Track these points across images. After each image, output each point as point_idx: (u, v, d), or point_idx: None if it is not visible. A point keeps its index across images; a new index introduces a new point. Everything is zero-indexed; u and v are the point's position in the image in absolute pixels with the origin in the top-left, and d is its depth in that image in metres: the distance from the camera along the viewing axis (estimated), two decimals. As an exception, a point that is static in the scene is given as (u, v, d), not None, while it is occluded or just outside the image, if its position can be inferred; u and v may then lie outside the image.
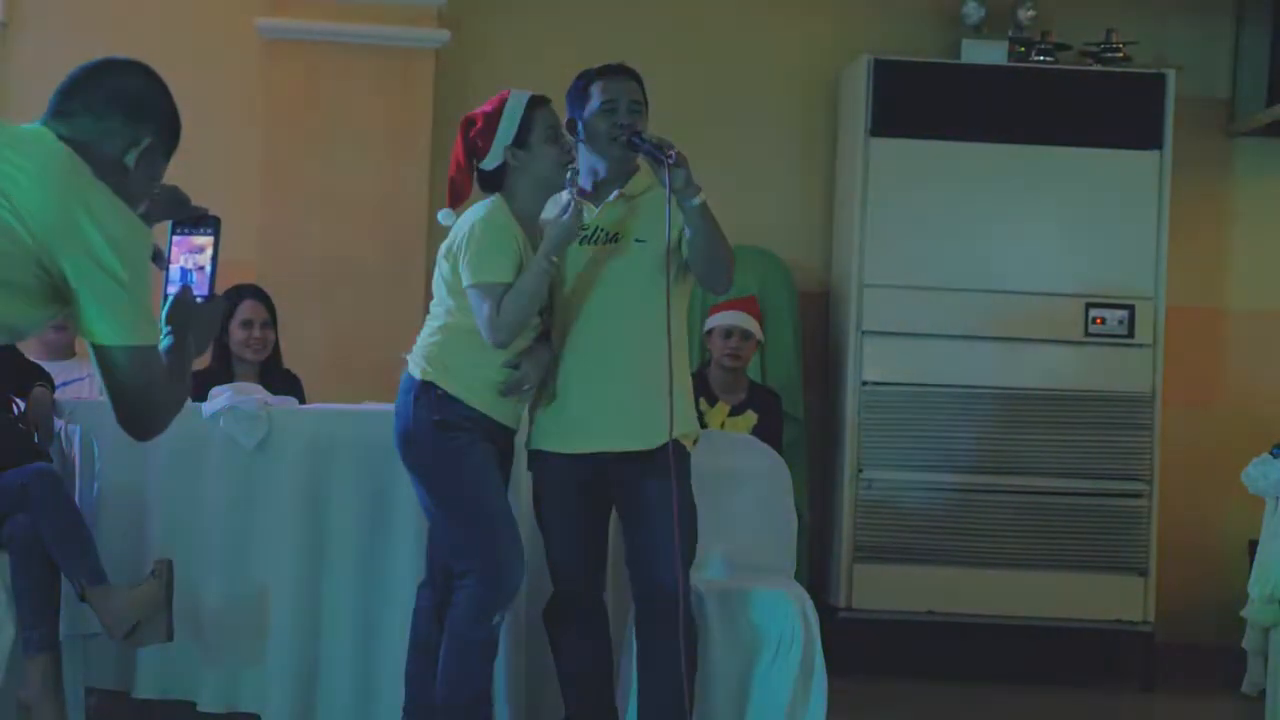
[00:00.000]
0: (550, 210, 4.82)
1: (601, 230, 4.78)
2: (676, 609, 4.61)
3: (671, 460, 4.62)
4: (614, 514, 4.87)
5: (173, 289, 3.13)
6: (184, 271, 3.14)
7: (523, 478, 4.94)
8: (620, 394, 4.71)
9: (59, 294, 2.91)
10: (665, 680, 4.68)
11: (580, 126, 4.80)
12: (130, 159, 3.00)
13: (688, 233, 4.64)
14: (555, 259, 4.64)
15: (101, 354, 2.93)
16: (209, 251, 3.15)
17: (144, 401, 2.98)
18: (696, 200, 4.58)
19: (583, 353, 4.75)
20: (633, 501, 4.74)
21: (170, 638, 4.90)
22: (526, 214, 4.76)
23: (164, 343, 3.05)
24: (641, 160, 4.78)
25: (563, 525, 4.80)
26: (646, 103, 4.83)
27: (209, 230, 3.16)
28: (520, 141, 4.73)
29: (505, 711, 5.06)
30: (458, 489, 4.66)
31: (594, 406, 4.73)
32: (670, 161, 4.52)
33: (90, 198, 2.89)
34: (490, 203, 4.76)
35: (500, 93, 4.80)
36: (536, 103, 4.76)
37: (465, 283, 4.66)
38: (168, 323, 3.09)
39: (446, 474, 4.67)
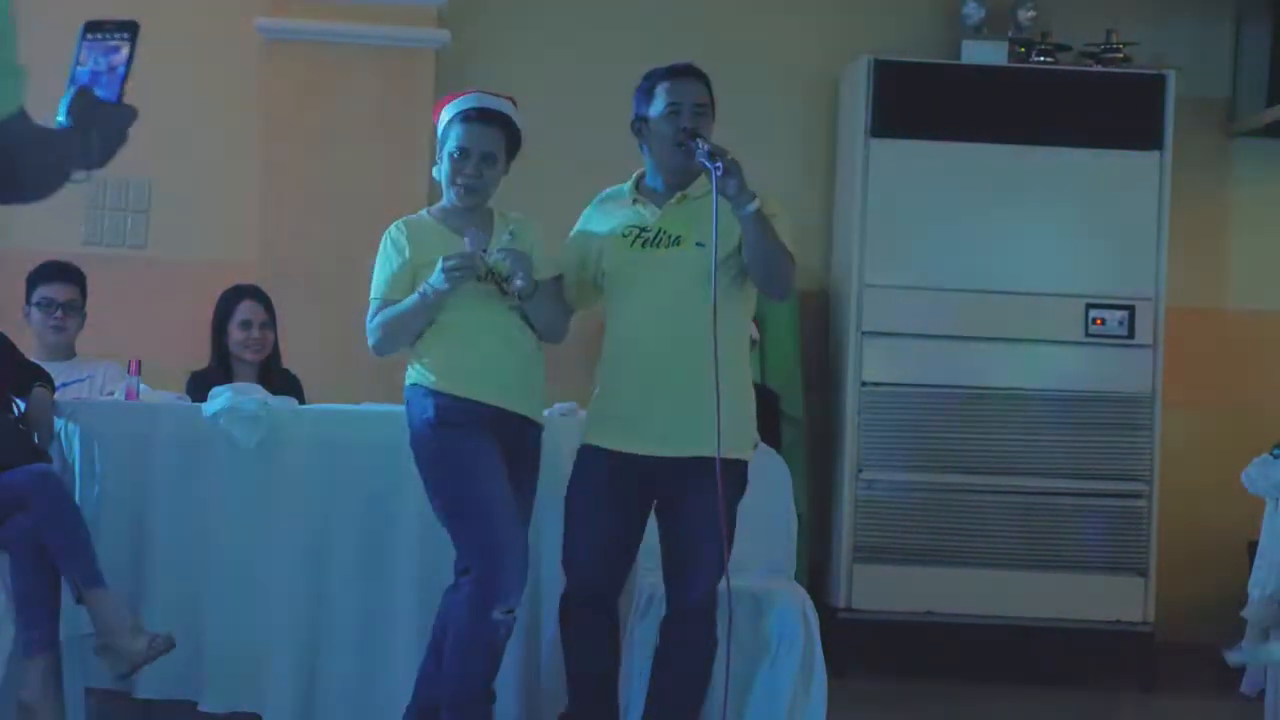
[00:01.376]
0: (602, 210, 4.86)
1: (664, 233, 4.74)
2: (707, 629, 4.68)
3: (719, 472, 4.57)
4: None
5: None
6: (94, 74, 2.84)
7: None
8: (672, 399, 4.67)
9: None
10: (682, 691, 4.73)
11: (645, 127, 4.79)
12: None
13: (744, 241, 4.63)
14: (434, 300, 4.67)
15: None
16: (124, 53, 2.86)
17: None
18: (751, 207, 4.55)
19: (639, 353, 4.72)
20: (675, 513, 4.73)
21: (127, 674, 4.95)
22: (456, 221, 4.79)
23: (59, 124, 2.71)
24: None
25: (590, 520, 4.75)
26: (714, 104, 4.80)
27: (125, 35, 2.88)
28: (439, 152, 4.82)
29: (505, 709, 5.05)
30: (453, 486, 4.65)
31: (646, 409, 4.69)
32: (718, 172, 4.51)
33: None
34: (410, 217, 4.89)
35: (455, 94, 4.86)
36: (464, 117, 4.77)
37: None
38: (69, 114, 2.74)
39: (441, 471, 4.67)
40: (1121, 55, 7.54)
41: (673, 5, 7.79)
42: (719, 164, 4.50)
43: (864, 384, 7.29)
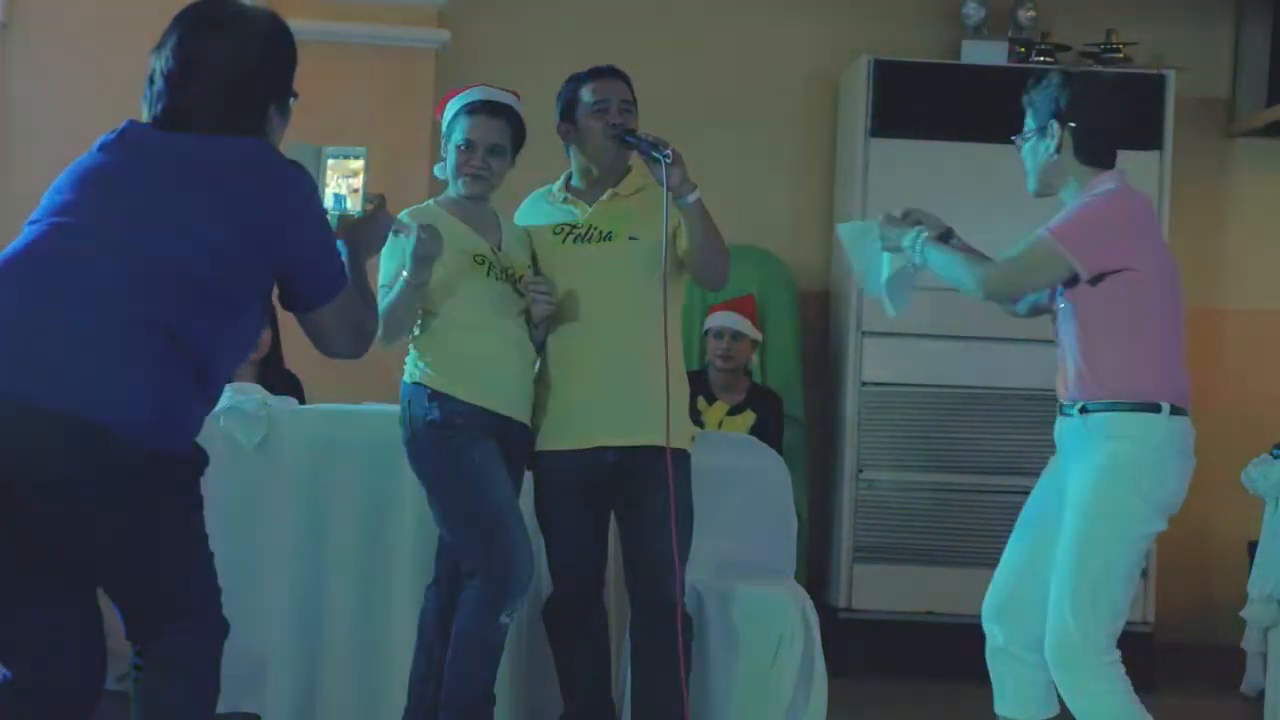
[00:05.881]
0: (534, 209, 4.89)
1: (595, 229, 4.81)
2: (674, 619, 4.65)
3: (669, 465, 4.62)
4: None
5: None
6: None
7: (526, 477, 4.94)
8: (617, 390, 4.73)
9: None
10: (662, 686, 4.72)
11: (573, 129, 4.83)
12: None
13: (685, 231, 4.67)
14: (415, 281, 4.62)
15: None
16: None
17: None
18: (692, 197, 4.61)
19: (580, 350, 4.78)
20: (632, 506, 4.76)
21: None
22: (462, 211, 4.80)
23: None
24: (634, 160, 4.81)
25: (563, 523, 4.82)
26: (636, 102, 4.85)
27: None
28: (445, 146, 4.82)
29: (505, 710, 5.05)
30: (459, 489, 4.65)
31: (592, 403, 4.75)
32: (667, 160, 4.54)
33: None
34: (418, 206, 4.86)
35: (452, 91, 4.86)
36: (469, 109, 4.78)
37: None
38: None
39: (447, 474, 4.67)
40: (1121, 55, 7.55)
41: (673, 5, 7.79)
42: (668, 152, 4.54)
43: (864, 384, 7.29)
